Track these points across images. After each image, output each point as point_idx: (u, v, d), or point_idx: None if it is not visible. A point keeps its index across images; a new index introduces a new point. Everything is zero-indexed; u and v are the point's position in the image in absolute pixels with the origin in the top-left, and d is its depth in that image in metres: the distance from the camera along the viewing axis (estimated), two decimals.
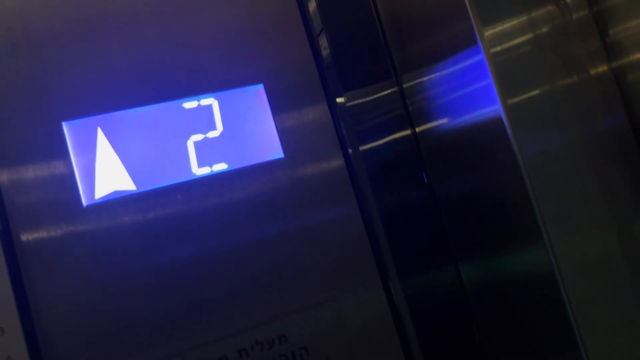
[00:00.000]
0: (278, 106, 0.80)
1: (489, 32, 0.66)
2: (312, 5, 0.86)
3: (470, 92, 0.70)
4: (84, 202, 0.72)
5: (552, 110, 0.66)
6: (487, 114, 0.68)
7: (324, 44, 0.85)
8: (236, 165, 0.78)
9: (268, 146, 0.80)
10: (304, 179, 0.79)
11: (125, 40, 0.77)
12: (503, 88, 0.66)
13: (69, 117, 0.73)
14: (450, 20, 0.70)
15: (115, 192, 0.73)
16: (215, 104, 0.79)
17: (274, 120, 0.80)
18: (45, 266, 0.69)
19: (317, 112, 0.82)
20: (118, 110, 0.75)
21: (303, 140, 0.80)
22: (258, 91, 0.81)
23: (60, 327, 0.68)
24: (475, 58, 0.68)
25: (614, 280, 0.65)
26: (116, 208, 0.73)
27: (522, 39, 0.67)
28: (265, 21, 0.83)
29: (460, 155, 0.77)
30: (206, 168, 0.77)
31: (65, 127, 0.72)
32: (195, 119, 0.78)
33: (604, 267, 0.64)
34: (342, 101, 0.84)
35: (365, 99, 0.86)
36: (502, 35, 0.67)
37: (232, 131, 0.79)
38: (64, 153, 0.72)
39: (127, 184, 0.74)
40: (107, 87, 0.75)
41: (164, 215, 0.74)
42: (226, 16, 0.81)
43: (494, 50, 0.66)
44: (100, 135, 0.74)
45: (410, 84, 0.83)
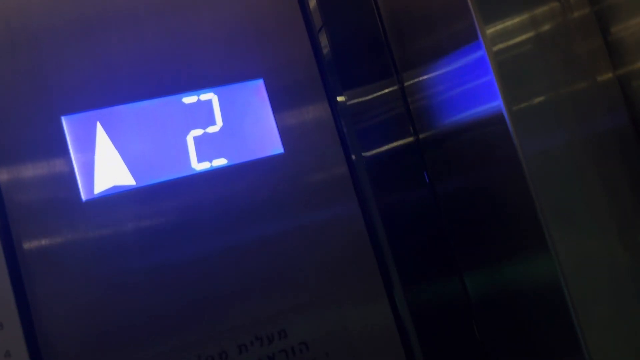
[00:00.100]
0: (278, 101, 0.80)
1: (491, 30, 0.66)
2: (313, 2, 0.86)
3: (471, 89, 0.70)
4: (83, 197, 0.71)
5: (554, 107, 0.66)
6: (489, 110, 0.68)
7: (324, 42, 0.85)
8: (236, 161, 0.78)
9: (268, 141, 0.79)
10: (303, 174, 0.79)
11: (124, 34, 0.76)
12: (504, 84, 0.66)
13: (68, 111, 0.72)
14: (452, 17, 0.70)
15: (115, 187, 0.73)
16: (215, 99, 0.79)
17: (274, 115, 0.80)
18: (44, 261, 0.69)
19: (318, 108, 0.82)
20: (117, 105, 0.74)
21: (303, 136, 0.80)
22: (258, 86, 0.80)
23: (59, 322, 0.68)
24: (477, 54, 0.68)
25: (617, 282, 0.65)
26: (115, 203, 0.72)
27: (524, 36, 0.67)
28: (265, 16, 0.82)
29: (461, 153, 0.77)
30: (206, 163, 0.77)
31: (64, 121, 0.72)
32: (195, 114, 0.78)
33: (606, 267, 0.65)
34: (343, 100, 0.84)
35: (366, 97, 0.86)
36: (503, 33, 0.67)
37: (232, 126, 0.79)
38: (63, 147, 0.71)
39: (126, 179, 0.74)
40: (106, 82, 0.74)
41: (163, 210, 0.74)
42: (226, 11, 0.81)
43: (495, 48, 0.66)
44: (100, 129, 0.74)
45: (411, 82, 0.83)
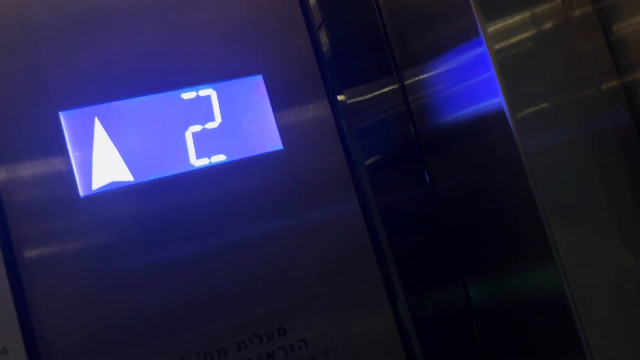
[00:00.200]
0: (277, 97, 0.80)
1: (492, 28, 0.66)
2: None
3: (472, 86, 0.70)
4: (81, 192, 0.71)
5: (555, 105, 0.67)
6: (490, 107, 0.68)
7: (324, 39, 0.84)
8: (235, 157, 0.77)
9: (267, 138, 0.79)
10: (303, 171, 0.79)
11: (123, 29, 0.75)
12: (506, 81, 0.66)
13: (66, 107, 0.72)
14: (453, 15, 0.70)
15: (113, 183, 0.72)
16: (213, 95, 0.78)
17: (273, 111, 0.79)
18: (42, 257, 0.68)
19: (317, 105, 0.81)
20: (115, 101, 0.74)
21: (302, 133, 0.80)
22: (257, 82, 0.80)
23: (57, 319, 0.67)
24: (478, 51, 0.68)
25: (619, 281, 0.65)
26: (113, 199, 0.72)
27: (525, 34, 0.67)
28: (265, 12, 0.82)
29: (461, 151, 0.77)
30: (204, 159, 0.76)
31: (62, 117, 0.71)
32: (194, 109, 0.77)
33: (608, 266, 0.65)
34: (343, 98, 0.84)
35: (366, 95, 0.86)
36: (504, 31, 0.67)
37: (231, 122, 0.78)
38: (60, 143, 0.71)
39: (124, 175, 0.73)
40: (104, 77, 0.74)
41: (161, 206, 0.73)
42: (225, 6, 0.80)
43: (497, 46, 0.66)
44: (98, 125, 0.73)
45: (411, 80, 0.83)
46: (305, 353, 0.74)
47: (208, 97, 0.78)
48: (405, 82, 0.84)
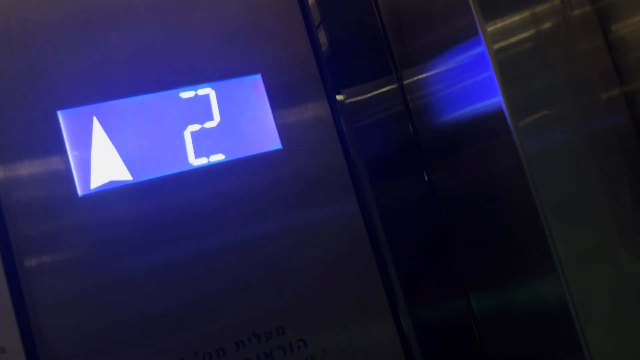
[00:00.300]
0: (276, 97, 0.80)
1: (491, 28, 0.66)
2: None
3: (471, 85, 0.70)
4: (80, 192, 0.71)
5: (554, 105, 0.67)
6: (489, 107, 0.68)
7: (323, 39, 0.84)
8: (233, 156, 0.77)
9: (266, 137, 0.79)
10: (302, 171, 0.79)
11: (122, 28, 0.75)
12: (505, 80, 0.66)
13: (65, 106, 0.71)
14: (452, 15, 0.70)
15: (111, 182, 0.72)
16: (212, 94, 0.78)
17: (272, 111, 0.79)
18: (40, 256, 0.68)
19: (316, 104, 0.81)
20: (114, 100, 0.74)
21: (301, 133, 0.80)
22: (256, 81, 0.80)
23: (55, 318, 0.67)
24: (477, 50, 0.68)
25: (618, 281, 0.65)
26: (112, 198, 0.72)
27: (525, 34, 0.67)
28: (264, 12, 0.82)
29: (460, 150, 0.77)
30: (203, 159, 0.76)
31: (60, 116, 0.71)
32: (192, 108, 0.77)
33: (607, 266, 0.65)
34: (342, 98, 0.83)
35: (365, 95, 0.86)
36: (504, 30, 0.67)
37: (230, 121, 0.78)
38: (59, 142, 0.71)
39: (123, 174, 0.73)
40: (103, 76, 0.73)
41: (160, 205, 0.73)
42: (224, 5, 0.80)
43: (496, 46, 0.66)
44: (96, 124, 0.73)
45: (410, 80, 0.83)
46: (304, 352, 0.74)
47: (207, 97, 0.78)
48: (405, 82, 0.84)
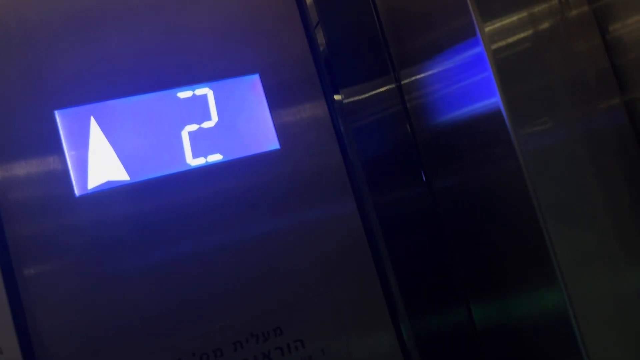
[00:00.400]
0: (274, 97, 0.80)
1: (489, 28, 0.66)
2: None
3: (469, 85, 0.70)
4: (77, 192, 0.70)
5: (552, 105, 0.67)
6: (487, 107, 0.68)
7: (321, 38, 0.84)
8: (231, 156, 0.77)
9: (263, 137, 0.79)
10: (300, 171, 0.79)
11: (119, 28, 0.75)
12: (503, 81, 0.66)
13: (62, 105, 0.71)
14: (451, 15, 0.70)
15: (109, 182, 0.72)
16: (210, 94, 0.78)
17: (270, 111, 0.79)
18: (37, 256, 0.68)
19: (314, 104, 0.81)
20: (111, 99, 0.73)
21: (299, 133, 0.80)
22: (254, 81, 0.80)
23: (52, 319, 0.67)
24: (475, 50, 0.68)
25: (617, 282, 0.65)
26: (109, 198, 0.71)
27: (522, 34, 0.67)
28: (261, 11, 0.82)
29: (458, 151, 0.77)
30: (201, 159, 0.76)
31: (57, 115, 0.71)
32: (190, 108, 0.77)
33: (605, 266, 0.65)
34: (340, 98, 0.83)
35: (363, 95, 0.86)
36: (502, 30, 0.67)
37: (227, 121, 0.78)
38: (56, 142, 0.70)
39: (120, 174, 0.73)
40: (100, 76, 0.73)
41: (157, 205, 0.73)
42: (222, 5, 0.80)
43: (494, 46, 0.66)
44: (94, 124, 0.73)
45: (408, 80, 0.83)
46: (301, 353, 0.74)
47: (204, 96, 0.78)
48: (402, 82, 0.84)
